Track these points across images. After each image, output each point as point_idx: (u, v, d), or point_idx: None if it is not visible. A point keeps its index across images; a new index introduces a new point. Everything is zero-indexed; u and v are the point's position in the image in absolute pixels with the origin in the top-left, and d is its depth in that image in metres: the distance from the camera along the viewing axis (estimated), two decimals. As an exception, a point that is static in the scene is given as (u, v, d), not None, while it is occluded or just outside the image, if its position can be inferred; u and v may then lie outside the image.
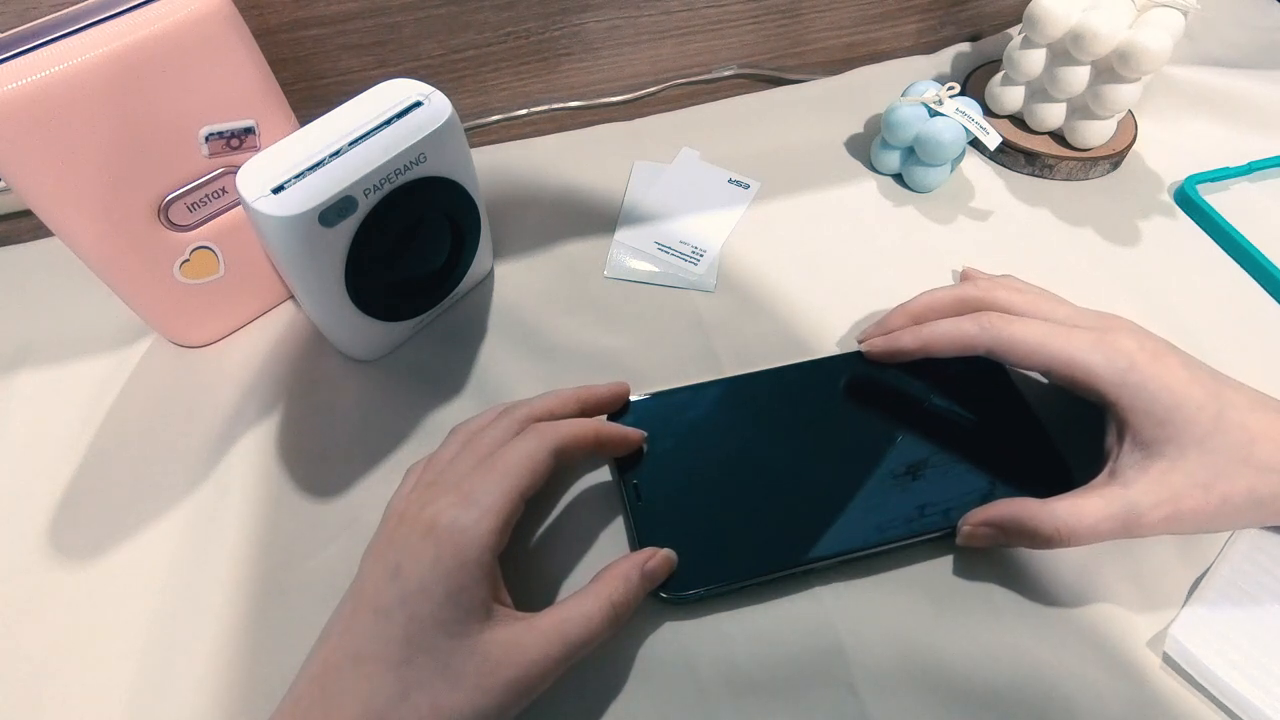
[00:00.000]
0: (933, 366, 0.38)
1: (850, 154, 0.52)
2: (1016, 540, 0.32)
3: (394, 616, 0.26)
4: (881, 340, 0.38)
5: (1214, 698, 0.30)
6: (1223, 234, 0.45)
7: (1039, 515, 0.31)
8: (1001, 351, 0.34)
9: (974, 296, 0.37)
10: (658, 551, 0.31)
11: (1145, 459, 0.31)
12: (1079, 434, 0.37)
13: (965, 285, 0.38)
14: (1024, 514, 0.31)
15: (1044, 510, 0.31)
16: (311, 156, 0.33)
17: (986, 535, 0.32)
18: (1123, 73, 0.45)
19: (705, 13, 0.53)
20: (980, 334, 0.34)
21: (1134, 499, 0.30)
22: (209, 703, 0.31)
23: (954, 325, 0.36)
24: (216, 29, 0.33)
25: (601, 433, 0.33)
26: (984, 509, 0.33)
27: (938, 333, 0.36)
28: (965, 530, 0.33)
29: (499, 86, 0.53)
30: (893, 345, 0.37)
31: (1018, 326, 0.34)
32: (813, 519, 0.33)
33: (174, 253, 0.38)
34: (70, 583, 0.34)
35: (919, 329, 0.37)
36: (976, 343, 0.35)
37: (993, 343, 0.34)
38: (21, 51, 0.30)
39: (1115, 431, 0.33)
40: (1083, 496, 0.32)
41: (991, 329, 0.34)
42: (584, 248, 0.46)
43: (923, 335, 0.36)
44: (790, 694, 0.30)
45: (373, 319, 0.38)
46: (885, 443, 0.36)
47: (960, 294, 0.38)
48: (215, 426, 0.39)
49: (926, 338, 0.36)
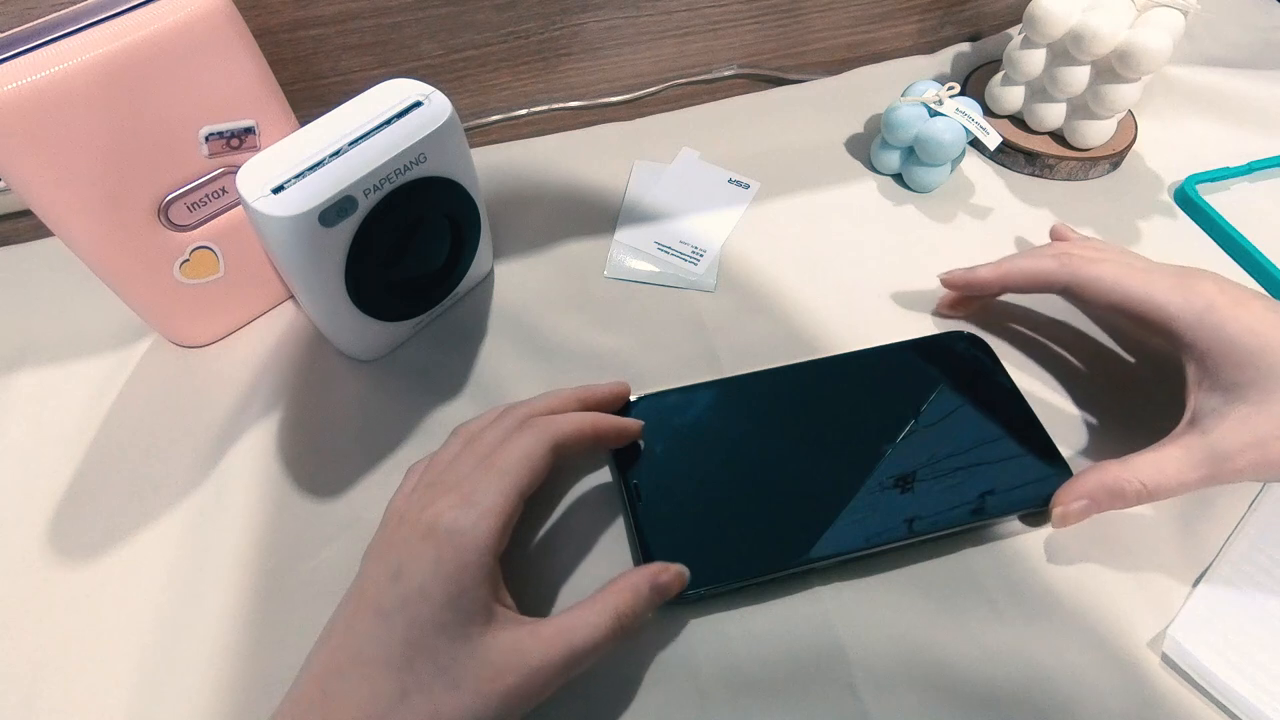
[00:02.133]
0: (933, 366, 0.39)
1: (850, 154, 0.52)
2: (1108, 505, 0.32)
3: (394, 619, 0.26)
4: (961, 271, 0.39)
5: (1213, 698, 0.30)
6: (1223, 234, 0.45)
7: (1122, 477, 0.31)
8: (1079, 287, 0.34)
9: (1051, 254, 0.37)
10: (670, 566, 0.31)
11: (1226, 403, 0.30)
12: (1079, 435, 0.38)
13: (1044, 248, 0.39)
14: (1108, 478, 0.31)
15: (1126, 471, 0.31)
16: (311, 156, 0.33)
17: (1081, 510, 0.32)
18: (1123, 73, 0.45)
19: (705, 13, 0.53)
20: (1059, 269, 0.35)
21: (1216, 445, 0.30)
22: (209, 703, 0.31)
23: (1033, 260, 0.36)
24: (216, 29, 0.33)
25: (599, 425, 0.33)
26: (1071, 485, 0.32)
27: (1017, 266, 0.37)
28: (1059, 511, 0.32)
29: (499, 86, 0.53)
30: (971, 276, 0.38)
31: (1096, 265, 0.34)
32: (813, 519, 0.33)
33: (174, 253, 0.38)
34: (70, 583, 0.34)
35: (999, 262, 0.38)
36: (1055, 277, 0.35)
37: (1070, 278, 0.34)
38: (21, 51, 0.30)
39: (1194, 376, 0.32)
40: (1163, 449, 0.31)
41: (1070, 265, 0.35)
42: (584, 248, 0.46)
43: (1002, 268, 0.37)
44: (790, 694, 0.30)
45: (373, 319, 0.38)
46: (885, 442, 0.36)
47: (1038, 253, 0.38)
48: (215, 426, 0.39)
49: (1005, 270, 0.37)
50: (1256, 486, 0.35)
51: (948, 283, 0.39)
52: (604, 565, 0.34)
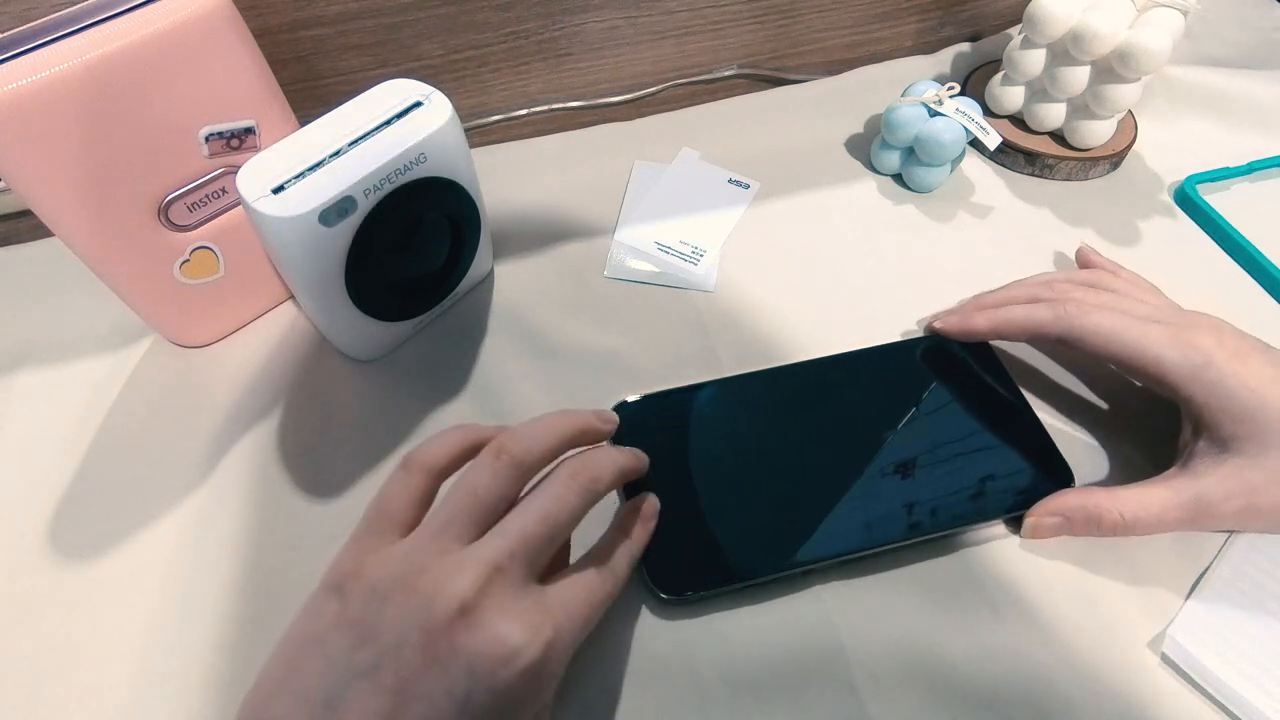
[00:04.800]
0: (934, 366, 0.38)
1: (850, 154, 0.52)
2: (1082, 529, 0.32)
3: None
4: (956, 318, 0.38)
5: (1213, 697, 0.30)
6: (1223, 234, 0.45)
7: (1103, 504, 0.31)
8: (1074, 339, 0.34)
9: (1048, 298, 0.37)
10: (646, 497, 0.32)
11: (1221, 454, 0.31)
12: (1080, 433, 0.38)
13: (1042, 287, 0.38)
14: (1089, 503, 0.32)
15: (1108, 499, 0.31)
16: (312, 157, 0.33)
17: (1053, 525, 0.32)
18: (1123, 73, 0.45)
19: (705, 13, 0.53)
20: (1054, 321, 0.35)
21: (1205, 490, 0.30)
22: (209, 702, 0.31)
23: (1029, 310, 0.36)
24: (216, 29, 0.33)
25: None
26: (1050, 500, 0.33)
27: (1012, 316, 0.36)
28: (1031, 522, 0.33)
29: (499, 86, 0.53)
30: (966, 324, 0.38)
31: (1093, 316, 0.34)
32: (813, 519, 0.33)
33: (174, 253, 0.38)
34: (69, 582, 0.34)
35: (994, 311, 0.37)
36: (1049, 329, 0.35)
37: (1066, 330, 0.34)
38: (22, 52, 0.30)
39: (1191, 428, 0.32)
40: (1150, 486, 0.32)
41: (1066, 317, 0.34)
42: (584, 248, 0.46)
43: (997, 317, 0.37)
44: (790, 694, 0.30)
45: (373, 319, 0.38)
46: (885, 442, 0.36)
47: (1037, 294, 0.38)
48: (215, 426, 0.39)
49: (1000, 319, 0.37)
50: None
51: (941, 329, 0.39)
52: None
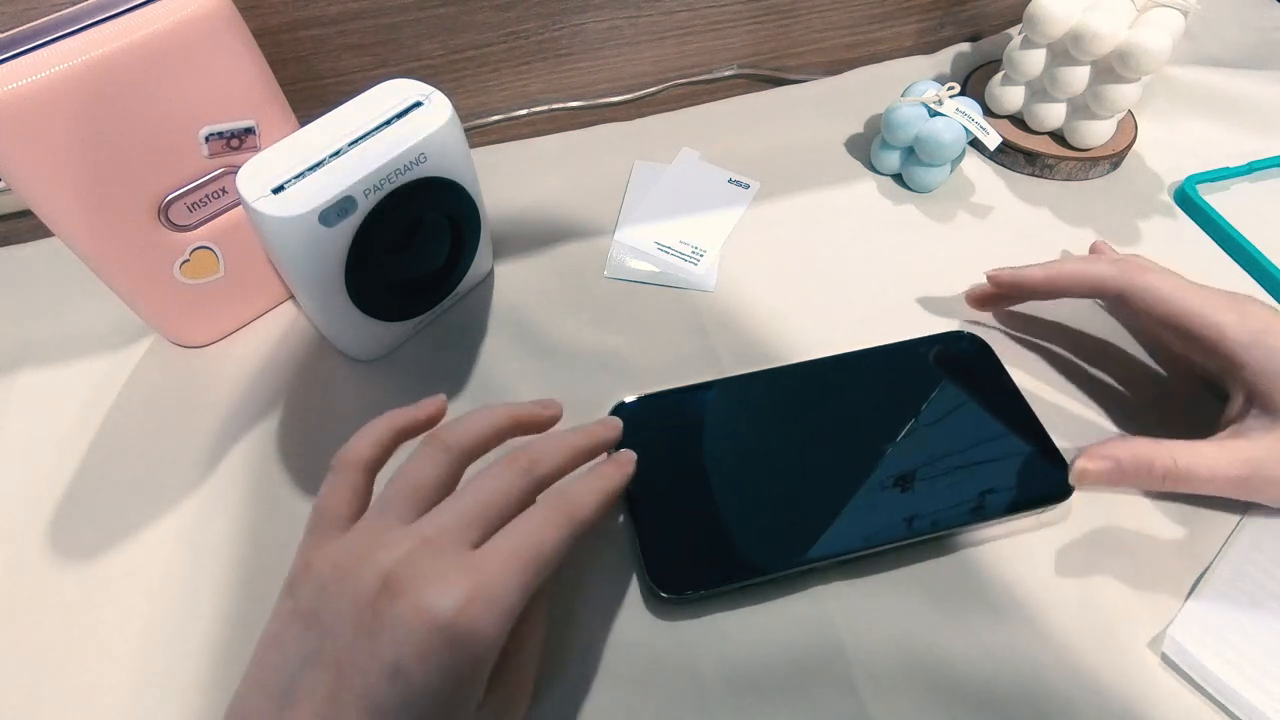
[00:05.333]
0: (934, 367, 0.38)
1: (850, 154, 0.52)
2: (1133, 475, 0.31)
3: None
4: (1010, 271, 0.37)
5: (1213, 697, 0.30)
6: (1223, 234, 0.45)
7: (1156, 450, 0.31)
8: (1132, 295, 0.33)
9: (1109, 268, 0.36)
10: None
11: (1274, 421, 0.30)
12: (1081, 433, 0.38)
13: (1098, 257, 0.37)
14: (1141, 449, 0.31)
15: (1161, 448, 0.31)
16: (311, 157, 0.33)
17: (1103, 470, 0.31)
18: (1123, 73, 0.45)
19: (705, 13, 0.53)
20: (1116, 275, 0.34)
21: (1259, 455, 0.30)
22: (208, 703, 0.31)
23: (1087, 264, 0.35)
24: (216, 29, 0.33)
25: (616, 488, 0.30)
26: (1102, 445, 0.32)
27: (1069, 269, 0.35)
28: (1081, 465, 0.32)
29: (499, 86, 0.53)
30: (1020, 276, 0.36)
31: (1154, 275, 0.33)
32: (813, 519, 0.33)
33: (174, 253, 0.38)
34: (69, 583, 0.34)
35: (1050, 264, 0.36)
36: (1109, 284, 0.34)
37: (1127, 285, 0.33)
38: (22, 52, 0.30)
39: (1242, 397, 0.32)
40: (1203, 443, 0.31)
41: (1127, 272, 0.34)
42: (584, 248, 0.46)
43: (1053, 269, 0.36)
44: (790, 694, 0.30)
45: (373, 319, 0.38)
46: (885, 442, 0.36)
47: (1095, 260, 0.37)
48: (215, 426, 0.39)
49: (1057, 272, 0.35)
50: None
51: (995, 281, 0.38)
52: (602, 565, 0.34)
